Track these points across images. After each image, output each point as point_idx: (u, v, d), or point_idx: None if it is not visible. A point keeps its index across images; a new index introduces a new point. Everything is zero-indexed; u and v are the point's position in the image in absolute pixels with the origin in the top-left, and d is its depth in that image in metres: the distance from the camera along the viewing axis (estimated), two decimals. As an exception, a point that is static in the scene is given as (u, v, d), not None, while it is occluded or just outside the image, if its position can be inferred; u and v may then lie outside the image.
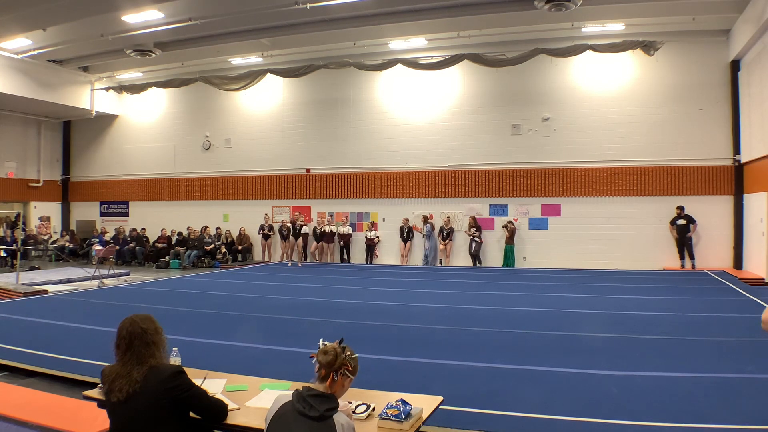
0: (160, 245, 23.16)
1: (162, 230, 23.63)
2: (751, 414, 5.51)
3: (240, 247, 23.05)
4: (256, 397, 4.06)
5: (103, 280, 16.63)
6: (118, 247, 22.43)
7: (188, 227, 23.23)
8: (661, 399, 5.97)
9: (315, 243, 22.11)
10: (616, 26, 18.30)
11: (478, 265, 20.35)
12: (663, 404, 5.80)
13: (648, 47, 18.04)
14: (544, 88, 20.23)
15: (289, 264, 21.37)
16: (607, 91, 19.73)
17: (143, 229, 24.25)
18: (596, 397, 6.09)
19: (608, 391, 6.27)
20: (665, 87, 19.18)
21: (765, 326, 3.57)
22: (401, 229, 21.21)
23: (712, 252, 18.76)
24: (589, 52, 18.59)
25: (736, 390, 6.34)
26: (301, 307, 12.30)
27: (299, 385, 3.25)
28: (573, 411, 5.64)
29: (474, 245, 20.26)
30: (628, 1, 16.44)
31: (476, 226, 20.26)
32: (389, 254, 21.77)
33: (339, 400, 3.17)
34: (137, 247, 23.25)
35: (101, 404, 3.55)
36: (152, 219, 24.87)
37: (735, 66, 18.44)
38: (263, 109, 23.61)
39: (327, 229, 21.89)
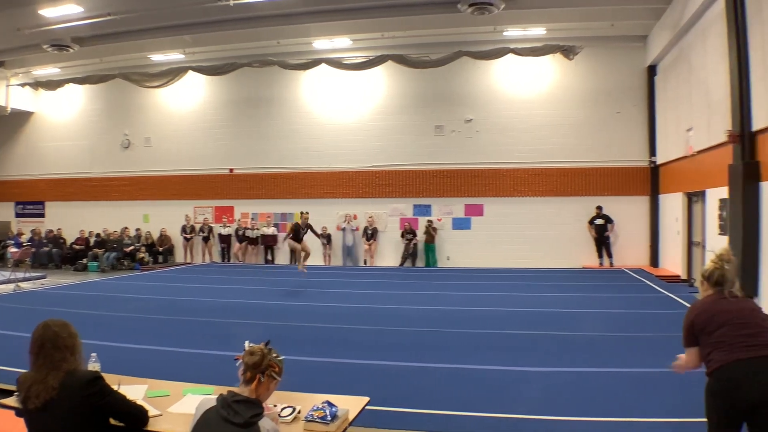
0: (77, 247, 22.35)
1: (81, 231, 22.78)
2: (671, 407, 5.70)
3: (161, 249, 22.48)
4: (178, 403, 3.99)
5: (19, 284, 16.22)
6: (34, 249, 21.48)
7: (104, 229, 22.50)
8: (583, 394, 6.20)
9: (238, 244, 21.80)
10: (538, 31, 18.59)
11: (410, 265, 20.50)
12: (584, 399, 6.03)
13: (568, 51, 18.44)
14: (467, 89, 20.45)
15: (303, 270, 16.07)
16: (529, 94, 20.09)
17: (59, 230, 23.34)
18: (517, 394, 6.28)
19: (528, 388, 6.45)
20: (584, 90, 19.68)
21: (678, 370, 4.09)
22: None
23: (630, 250, 19.38)
24: (511, 55, 18.91)
25: (655, 384, 6.50)
26: (222, 309, 12.11)
27: (223, 390, 3.25)
28: (496, 407, 5.81)
29: (411, 247, 20.43)
30: (549, 6, 16.72)
31: (412, 231, 20.44)
32: (311, 254, 21.49)
33: (264, 404, 3.14)
34: (54, 249, 22.35)
35: (19, 413, 3.45)
36: (70, 220, 23.89)
37: (651, 71, 19.06)
38: (185, 108, 23.04)
39: (250, 234, 21.69)
